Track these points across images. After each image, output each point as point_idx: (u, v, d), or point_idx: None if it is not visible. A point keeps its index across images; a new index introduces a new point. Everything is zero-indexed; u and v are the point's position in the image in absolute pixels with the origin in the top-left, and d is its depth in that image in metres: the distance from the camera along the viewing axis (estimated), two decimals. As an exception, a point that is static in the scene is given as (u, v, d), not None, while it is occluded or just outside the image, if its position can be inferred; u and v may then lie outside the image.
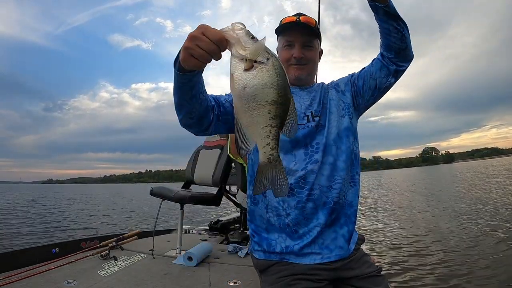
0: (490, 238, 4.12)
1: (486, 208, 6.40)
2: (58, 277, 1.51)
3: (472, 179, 15.97)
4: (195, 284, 1.51)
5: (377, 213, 7.29)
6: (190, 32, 0.58)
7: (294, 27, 1.00)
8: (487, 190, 9.96)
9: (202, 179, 2.42)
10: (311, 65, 1.04)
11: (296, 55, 1.00)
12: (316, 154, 0.93)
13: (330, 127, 0.97)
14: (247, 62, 0.52)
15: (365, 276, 0.93)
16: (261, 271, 0.98)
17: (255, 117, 0.52)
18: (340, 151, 0.95)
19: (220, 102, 0.89)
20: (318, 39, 1.05)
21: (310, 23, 1.00)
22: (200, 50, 0.56)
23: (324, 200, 0.91)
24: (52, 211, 12.05)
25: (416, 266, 3.30)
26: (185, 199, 2.02)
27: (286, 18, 1.03)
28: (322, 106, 1.01)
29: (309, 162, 0.92)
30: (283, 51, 1.03)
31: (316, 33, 1.02)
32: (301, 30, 1.00)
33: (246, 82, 0.51)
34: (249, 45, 0.52)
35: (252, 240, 1.01)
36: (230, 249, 2.07)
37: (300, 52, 1.00)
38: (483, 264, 3.13)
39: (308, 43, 1.01)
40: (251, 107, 0.51)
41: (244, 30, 0.54)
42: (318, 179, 0.91)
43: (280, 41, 1.06)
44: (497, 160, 67.69)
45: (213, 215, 6.99)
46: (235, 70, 0.53)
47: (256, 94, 0.51)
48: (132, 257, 1.88)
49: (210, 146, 2.51)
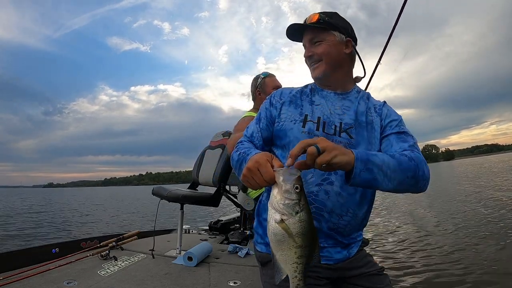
0: (494, 237, 4.11)
1: (490, 206, 6.40)
2: (58, 277, 1.51)
3: (473, 176, 15.98)
4: (195, 284, 1.51)
5: (378, 214, 7.28)
6: (249, 163, 0.70)
7: (297, 29, 0.99)
8: (488, 187, 9.94)
9: (205, 179, 2.40)
10: (328, 61, 0.94)
11: (305, 54, 0.99)
12: (333, 174, 0.85)
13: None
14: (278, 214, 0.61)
15: (367, 274, 0.92)
16: (262, 264, 0.97)
17: (284, 256, 0.63)
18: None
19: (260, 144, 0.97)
20: (332, 30, 0.94)
21: (312, 19, 0.96)
22: (253, 182, 0.69)
23: (330, 225, 0.87)
24: (52, 212, 12.07)
25: (418, 266, 3.29)
26: (179, 199, 2.00)
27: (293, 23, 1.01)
28: (357, 124, 0.91)
29: (326, 180, 0.85)
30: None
31: (324, 26, 0.94)
32: (305, 30, 0.98)
33: (276, 232, 0.62)
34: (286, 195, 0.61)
35: (256, 232, 1.01)
36: (230, 249, 2.07)
37: (308, 50, 0.97)
38: (485, 264, 3.13)
39: (314, 39, 0.96)
40: (280, 248, 0.63)
41: (293, 179, 0.61)
42: (330, 201, 0.85)
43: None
44: (497, 157, 67.66)
45: (213, 215, 7.00)
46: (270, 219, 0.63)
47: (284, 241, 0.62)
48: (132, 257, 1.88)
49: (214, 146, 2.49)
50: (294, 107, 0.95)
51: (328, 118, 0.91)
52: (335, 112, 0.93)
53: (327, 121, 0.91)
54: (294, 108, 0.95)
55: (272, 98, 1.01)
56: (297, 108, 0.95)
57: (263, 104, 1.03)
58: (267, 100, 1.02)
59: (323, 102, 0.95)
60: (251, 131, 0.99)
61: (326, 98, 0.96)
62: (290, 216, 0.61)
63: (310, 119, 0.91)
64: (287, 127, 0.92)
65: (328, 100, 0.96)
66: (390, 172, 0.73)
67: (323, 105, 0.95)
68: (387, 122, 0.94)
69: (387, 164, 0.74)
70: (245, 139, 0.98)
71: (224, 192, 2.33)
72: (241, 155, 0.85)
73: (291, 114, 0.94)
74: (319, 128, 0.90)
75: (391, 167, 0.74)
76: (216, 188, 2.23)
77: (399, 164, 0.76)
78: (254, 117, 1.04)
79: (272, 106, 0.98)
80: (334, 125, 0.91)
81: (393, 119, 0.94)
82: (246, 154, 0.82)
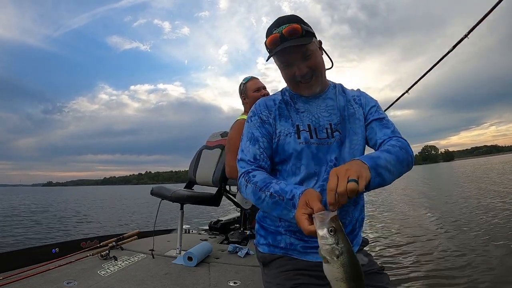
0: (496, 236, 4.12)
1: (491, 205, 6.40)
2: (58, 277, 1.51)
3: (474, 176, 15.99)
4: (195, 284, 1.51)
5: (378, 213, 7.28)
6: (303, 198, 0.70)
7: (283, 48, 0.85)
8: (489, 188, 9.95)
9: (203, 179, 2.41)
10: (319, 71, 0.92)
11: (300, 73, 0.89)
12: None
13: (348, 145, 0.92)
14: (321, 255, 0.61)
15: (367, 273, 0.93)
16: (264, 264, 0.98)
17: None
18: None
19: (266, 165, 0.93)
20: (312, 37, 0.90)
21: (296, 32, 0.84)
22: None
23: None
24: (52, 212, 12.07)
25: (417, 265, 3.29)
26: (183, 199, 2.01)
27: (269, 39, 0.87)
28: (342, 120, 0.94)
29: (327, 180, 0.89)
30: (284, 70, 0.92)
31: (307, 36, 0.88)
32: (292, 47, 0.85)
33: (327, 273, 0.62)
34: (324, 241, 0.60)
35: (258, 234, 1.01)
36: (230, 249, 2.07)
37: (303, 69, 0.89)
38: (485, 264, 3.13)
39: (304, 54, 0.88)
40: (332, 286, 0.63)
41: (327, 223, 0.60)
42: None
43: (276, 60, 0.93)
44: (497, 158, 67.71)
45: (213, 215, 7.00)
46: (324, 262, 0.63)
47: (331, 281, 0.61)
48: (132, 257, 1.88)
49: (211, 146, 2.50)
50: (285, 120, 0.94)
51: (318, 123, 0.93)
52: (322, 115, 0.94)
53: (317, 126, 0.92)
54: (285, 121, 0.94)
55: (261, 114, 0.95)
56: (287, 121, 0.94)
57: (250, 122, 0.96)
58: (255, 117, 0.96)
59: (308, 108, 0.95)
60: (251, 154, 0.92)
61: (309, 103, 0.96)
62: (332, 261, 0.60)
63: (302, 128, 0.92)
64: (284, 142, 0.91)
65: (312, 105, 0.96)
66: (392, 168, 0.77)
67: (309, 111, 0.95)
68: (368, 110, 0.98)
69: (389, 162, 0.77)
70: (252, 167, 0.89)
71: (224, 192, 2.33)
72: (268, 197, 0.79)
73: (285, 128, 0.93)
74: (312, 136, 0.91)
75: (392, 163, 0.78)
76: (217, 188, 2.24)
77: (397, 158, 0.80)
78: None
79: (264, 123, 0.94)
80: (325, 128, 0.92)
81: (372, 105, 0.99)
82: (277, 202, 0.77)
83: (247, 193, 0.86)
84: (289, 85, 0.97)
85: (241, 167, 0.92)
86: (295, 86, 0.94)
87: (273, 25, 0.89)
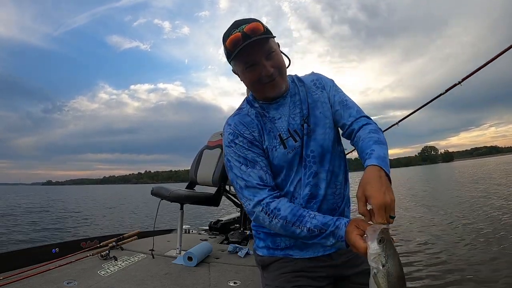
0: (495, 236, 4.12)
1: (490, 205, 6.41)
2: (58, 277, 1.51)
3: (473, 177, 16.00)
4: (195, 284, 1.51)
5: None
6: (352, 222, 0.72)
7: (245, 45, 0.79)
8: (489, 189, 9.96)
9: (203, 179, 2.41)
10: (282, 70, 0.88)
11: (266, 73, 0.84)
12: (314, 165, 0.89)
13: (322, 131, 0.91)
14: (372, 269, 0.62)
15: (367, 271, 0.93)
16: (263, 267, 0.97)
17: None
18: (334, 156, 0.93)
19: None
20: (271, 37, 0.85)
21: (258, 29, 0.80)
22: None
23: (331, 208, 0.91)
24: (52, 212, 12.05)
25: (416, 264, 3.30)
26: (181, 199, 2.01)
27: (229, 40, 0.81)
28: (308, 107, 0.93)
29: (310, 175, 0.89)
30: (247, 73, 0.86)
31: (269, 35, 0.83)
32: (256, 45, 0.80)
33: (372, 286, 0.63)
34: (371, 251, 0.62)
35: (256, 236, 1.00)
36: (230, 249, 2.07)
37: (269, 67, 0.83)
38: (484, 264, 3.13)
39: (269, 50, 0.83)
40: None
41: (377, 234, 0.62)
42: (322, 189, 0.89)
43: (237, 64, 0.87)
44: (496, 159, 67.80)
45: (213, 215, 6.99)
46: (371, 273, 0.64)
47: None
48: (132, 257, 1.88)
49: (212, 146, 2.49)
50: (267, 134, 0.90)
51: (293, 125, 0.90)
52: (296, 113, 0.92)
53: (295, 127, 0.90)
54: (267, 135, 0.90)
55: (244, 133, 0.88)
56: (269, 134, 0.90)
57: (235, 146, 0.87)
58: (240, 138, 0.88)
59: (280, 113, 0.92)
60: (256, 176, 0.84)
61: (279, 107, 0.93)
62: (378, 270, 0.62)
63: (285, 136, 0.89)
64: (273, 157, 0.89)
65: (282, 107, 0.93)
66: (387, 155, 0.79)
67: (282, 115, 0.92)
68: (328, 91, 0.97)
69: (386, 152, 0.79)
70: (266, 194, 0.82)
71: (224, 192, 2.33)
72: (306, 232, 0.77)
73: (269, 142, 0.89)
74: (296, 139, 0.89)
75: (387, 152, 0.79)
76: (217, 188, 2.24)
77: (384, 143, 0.82)
78: None
79: (253, 145, 0.88)
80: (301, 125, 0.90)
81: (330, 85, 0.98)
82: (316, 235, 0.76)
83: (273, 227, 0.81)
84: (253, 89, 0.91)
85: (252, 195, 0.83)
86: (260, 89, 0.89)
87: (230, 28, 0.83)
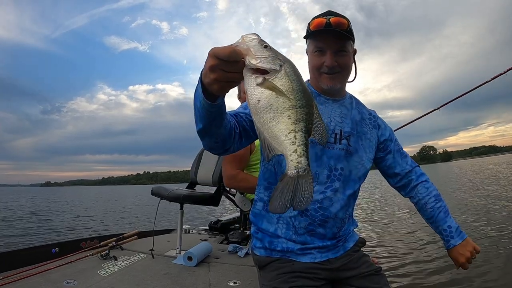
0: (494, 237, 4.12)
1: (490, 205, 6.42)
2: (57, 277, 1.51)
3: (472, 176, 16.01)
4: (195, 284, 1.51)
5: (376, 216, 7.29)
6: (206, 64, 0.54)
7: (321, 30, 0.87)
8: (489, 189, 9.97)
9: (204, 179, 2.41)
10: (345, 72, 0.93)
11: (328, 63, 0.89)
12: (337, 181, 0.91)
13: (357, 161, 0.95)
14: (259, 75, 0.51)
15: (364, 275, 0.93)
16: (260, 267, 0.98)
17: (275, 126, 0.49)
18: (356, 185, 0.96)
19: (239, 120, 0.80)
20: (352, 41, 0.92)
21: (342, 25, 0.87)
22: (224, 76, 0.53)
23: (334, 230, 0.93)
24: (51, 212, 12.04)
25: (415, 266, 3.30)
26: (180, 198, 2.01)
27: (314, 21, 0.89)
28: (352, 130, 0.96)
29: (329, 188, 0.90)
30: (313, 57, 0.92)
31: (349, 35, 0.89)
32: (332, 35, 0.88)
33: (260, 96, 0.49)
34: (260, 54, 0.50)
35: (254, 236, 1.01)
36: (230, 249, 2.07)
37: (332, 60, 0.88)
38: (484, 265, 3.13)
39: (341, 48, 0.89)
40: (269, 118, 0.49)
41: (257, 39, 0.52)
42: (334, 207, 0.90)
43: (310, 45, 0.94)
44: (495, 158, 67.84)
45: (213, 215, 6.99)
46: (248, 86, 0.51)
47: (272, 104, 0.49)
48: (132, 257, 1.88)
49: None
50: None
51: (328, 126, 0.93)
52: (335, 120, 0.95)
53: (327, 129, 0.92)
54: None
55: None
56: None
57: None
58: None
59: (323, 109, 0.95)
60: None
61: (325, 104, 0.96)
62: (273, 72, 0.49)
63: None
64: None
65: (327, 106, 0.96)
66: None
67: (323, 112, 0.94)
68: (386, 138, 1.05)
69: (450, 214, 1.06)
70: None
71: (224, 191, 2.33)
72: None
73: None
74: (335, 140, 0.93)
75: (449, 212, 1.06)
76: (216, 188, 2.24)
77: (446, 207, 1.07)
78: None
79: None
80: (334, 133, 0.93)
81: (390, 133, 1.07)
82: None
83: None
84: (312, 74, 0.96)
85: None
86: (317, 76, 0.93)
87: (322, 14, 0.90)
